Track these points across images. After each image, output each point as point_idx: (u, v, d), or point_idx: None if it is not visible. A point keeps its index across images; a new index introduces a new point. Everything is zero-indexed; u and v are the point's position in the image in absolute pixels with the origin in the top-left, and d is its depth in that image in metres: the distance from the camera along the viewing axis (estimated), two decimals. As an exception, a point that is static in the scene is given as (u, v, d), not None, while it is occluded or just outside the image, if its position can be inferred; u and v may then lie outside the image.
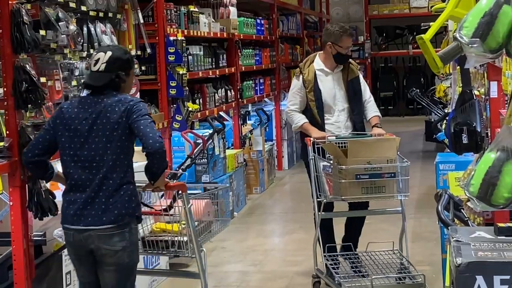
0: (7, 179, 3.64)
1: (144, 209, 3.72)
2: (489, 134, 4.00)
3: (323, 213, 4.67)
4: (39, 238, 3.99)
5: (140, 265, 4.65)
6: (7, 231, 3.72)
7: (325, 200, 4.62)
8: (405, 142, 9.74)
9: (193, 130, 6.15)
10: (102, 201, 3.30)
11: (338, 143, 4.76)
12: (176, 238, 3.81)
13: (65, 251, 3.99)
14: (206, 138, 6.48)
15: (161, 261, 5.22)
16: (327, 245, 4.81)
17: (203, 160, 6.64)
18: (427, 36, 2.43)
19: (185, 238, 3.80)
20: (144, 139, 3.27)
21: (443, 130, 6.69)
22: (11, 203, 3.66)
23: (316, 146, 4.71)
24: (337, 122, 5.06)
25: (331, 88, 5.08)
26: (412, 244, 6.02)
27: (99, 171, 3.31)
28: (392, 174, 4.51)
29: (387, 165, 4.49)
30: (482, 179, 2.13)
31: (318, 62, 5.13)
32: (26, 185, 3.67)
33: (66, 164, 3.37)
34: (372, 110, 5.19)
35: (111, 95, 3.39)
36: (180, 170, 4.53)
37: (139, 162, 4.03)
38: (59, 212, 3.79)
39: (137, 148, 3.48)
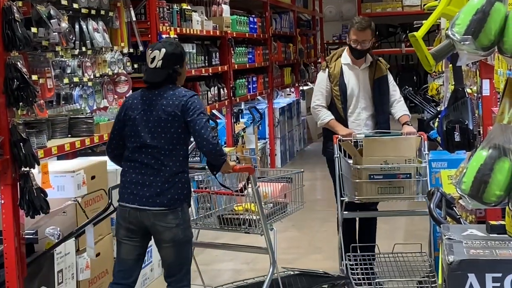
0: (-2, 177, 3.61)
1: (222, 189, 4.23)
2: (481, 132, 4.01)
3: (345, 212, 4.55)
4: (31, 236, 3.97)
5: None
6: (-1, 229, 3.70)
7: (347, 200, 4.51)
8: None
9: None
10: (158, 185, 3.59)
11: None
12: (247, 217, 4.13)
13: (57, 249, 3.98)
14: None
15: (153, 259, 5.22)
16: (351, 245, 4.65)
17: (196, 158, 6.62)
18: (420, 33, 2.43)
19: (255, 217, 4.10)
20: (199, 140, 3.58)
21: (436, 128, 6.70)
22: (2, 201, 3.64)
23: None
24: (357, 120, 4.95)
25: (356, 84, 4.97)
26: (404, 236, 6.05)
27: (158, 158, 3.60)
28: (408, 175, 4.35)
29: (403, 165, 4.34)
30: (474, 176, 2.13)
31: (345, 57, 5.04)
32: (18, 183, 3.65)
33: (129, 149, 3.69)
34: (401, 109, 5.08)
35: (167, 88, 3.69)
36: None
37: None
38: (51, 210, 3.77)
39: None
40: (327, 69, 5.01)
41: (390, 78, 5.13)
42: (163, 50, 3.70)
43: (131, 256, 3.69)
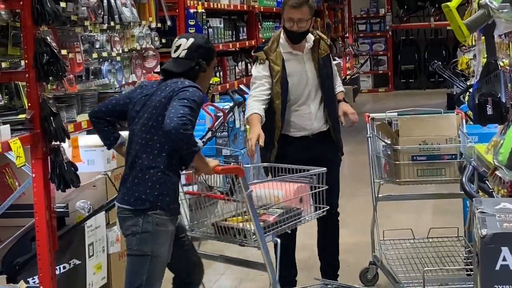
0: (29, 151, 3.65)
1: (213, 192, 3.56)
2: (514, 105, 3.93)
3: (380, 196, 4.35)
4: (62, 210, 4.01)
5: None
6: (30, 203, 3.74)
7: (382, 183, 4.32)
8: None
9: (214, 103, 6.14)
10: (129, 180, 3.26)
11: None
12: (242, 226, 3.42)
13: (88, 223, 4.02)
14: (226, 111, 6.45)
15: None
16: (385, 230, 4.41)
17: (224, 133, 6.62)
18: (453, 3, 2.38)
19: (251, 227, 3.39)
20: (165, 118, 3.10)
21: (466, 103, 6.61)
22: (33, 175, 3.67)
23: (374, 123, 4.33)
24: (306, 113, 4.17)
25: (300, 75, 4.16)
26: (433, 217, 6.01)
27: (133, 150, 3.27)
28: (453, 156, 4.12)
29: (445, 145, 4.12)
30: (511, 148, 2.09)
31: (283, 44, 4.17)
32: (48, 157, 3.68)
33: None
34: (337, 84, 4.37)
35: (176, 79, 3.27)
36: (201, 142, 4.47)
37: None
38: (81, 184, 3.81)
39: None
40: (267, 62, 4.12)
41: (331, 57, 4.39)
42: (191, 39, 3.34)
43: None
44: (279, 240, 3.42)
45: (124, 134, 3.51)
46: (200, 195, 3.54)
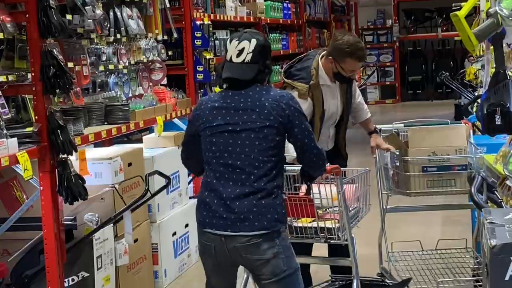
0: (37, 164, 3.65)
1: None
2: (522, 115, 3.91)
3: (388, 207, 4.32)
4: (70, 222, 4.01)
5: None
6: (38, 215, 3.74)
7: (390, 194, 4.31)
8: (435, 126, 9.61)
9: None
10: (252, 206, 2.99)
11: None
12: (325, 224, 3.61)
13: (96, 235, 4.01)
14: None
15: (191, 245, 5.22)
16: (393, 242, 4.38)
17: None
18: (462, 12, 2.37)
19: (335, 225, 3.60)
20: (305, 148, 3.04)
21: (474, 113, 6.59)
22: (41, 188, 3.67)
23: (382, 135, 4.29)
24: (325, 136, 4.20)
25: (333, 104, 4.17)
26: (443, 228, 5.97)
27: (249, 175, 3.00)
28: (464, 167, 4.09)
29: (455, 156, 4.08)
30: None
31: (322, 77, 4.09)
32: (56, 170, 3.68)
33: (209, 161, 3.07)
34: (364, 110, 4.36)
35: (255, 87, 3.04)
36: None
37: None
38: (89, 197, 3.81)
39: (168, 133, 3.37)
40: (309, 99, 4.02)
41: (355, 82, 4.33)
42: (254, 40, 3.02)
43: None
44: (354, 236, 3.66)
45: None
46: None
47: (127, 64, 4.70)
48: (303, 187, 3.71)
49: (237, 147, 3.01)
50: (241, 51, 3.03)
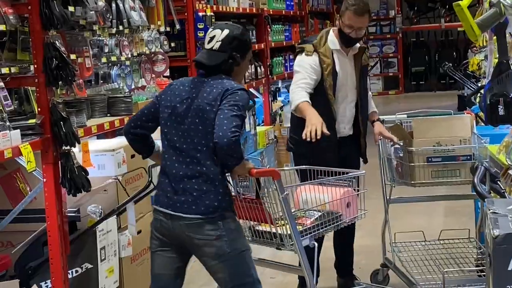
0: (40, 156, 3.65)
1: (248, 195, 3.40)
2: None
3: (392, 198, 4.34)
4: (73, 214, 4.02)
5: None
6: (42, 207, 3.75)
7: (394, 185, 4.33)
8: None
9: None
10: (192, 191, 3.09)
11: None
12: (276, 230, 3.39)
13: (99, 227, 4.02)
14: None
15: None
16: (396, 232, 4.40)
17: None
18: (465, 2, 2.36)
19: (287, 231, 3.35)
20: (216, 129, 2.99)
21: (477, 104, 6.58)
22: (44, 180, 3.68)
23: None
24: (343, 116, 4.23)
25: (345, 74, 4.20)
26: (446, 218, 5.98)
27: (179, 155, 3.12)
28: (468, 157, 4.11)
29: (460, 146, 4.11)
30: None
31: (333, 42, 4.21)
32: (59, 161, 3.68)
33: (164, 145, 3.20)
34: (371, 105, 4.41)
35: (217, 77, 3.13)
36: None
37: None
38: (92, 188, 3.81)
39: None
40: (315, 54, 4.14)
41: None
42: (226, 31, 3.15)
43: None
44: (316, 244, 3.41)
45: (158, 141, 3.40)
46: (236, 197, 3.40)
47: (129, 55, 4.69)
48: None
49: (184, 131, 3.13)
50: (211, 39, 3.17)
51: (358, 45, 4.28)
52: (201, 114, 3.08)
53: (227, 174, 3.20)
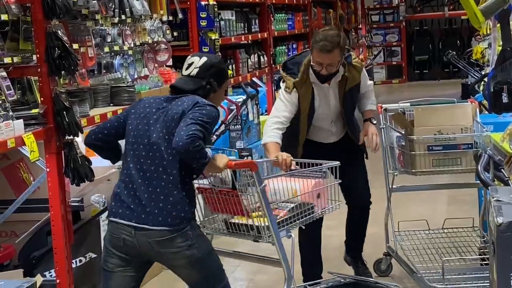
0: (43, 145, 3.66)
1: (223, 187, 3.37)
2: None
3: (394, 186, 4.34)
4: (77, 204, 4.03)
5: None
6: (45, 197, 3.75)
7: (396, 174, 4.31)
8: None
9: (227, 96, 6.12)
10: (157, 201, 3.04)
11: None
12: (253, 222, 3.34)
13: (103, 216, 4.02)
14: (239, 104, 6.46)
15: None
16: (399, 221, 4.37)
17: (237, 126, 6.62)
18: (467, -11, 2.34)
19: (264, 223, 3.30)
20: (174, 135, 2.97)
21: (481, 92, 6.56)
22: (48, 170, 3.68)
23: (388, 114, 4.29)
24: (330, 130, 4.16)
25: (328, 104, 4.06)
26: (449, 207, 5.97)
27: (143, 164, 3.08)
28: (470, 145, 4.09)
29: (461, 135, 4.08)
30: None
31: (312, 74, 3.96)
32: (62, 151, 3.69)
33: (128, 154, 3.15)
34: (368, 102, 4.21)
35: (192, 96, 3.13)
36: (214, 136, 4.45)
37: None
38: (95, 178, 3.81)
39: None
40: (295, 92, 3.94)
41: (363, 76, 4.14)
42: (204, 58, 3.22)
43: None
44: (293, 235, 3.37)
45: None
46: (211, 190, 3.39)
47: (132, 45, 4.68)
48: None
49: (151, 140, 3.08)
50: (189, 65, 3.22)
51: (341, 71, 3.99)
52: (168, 123, 3.06)
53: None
